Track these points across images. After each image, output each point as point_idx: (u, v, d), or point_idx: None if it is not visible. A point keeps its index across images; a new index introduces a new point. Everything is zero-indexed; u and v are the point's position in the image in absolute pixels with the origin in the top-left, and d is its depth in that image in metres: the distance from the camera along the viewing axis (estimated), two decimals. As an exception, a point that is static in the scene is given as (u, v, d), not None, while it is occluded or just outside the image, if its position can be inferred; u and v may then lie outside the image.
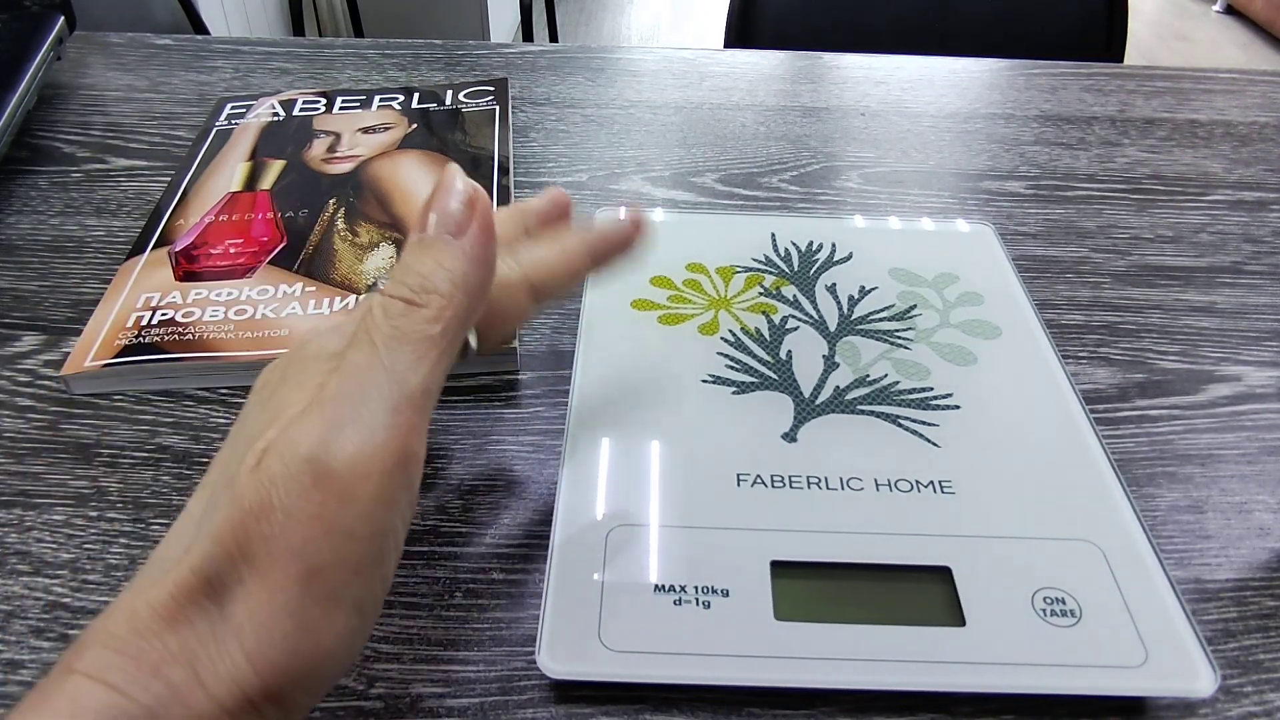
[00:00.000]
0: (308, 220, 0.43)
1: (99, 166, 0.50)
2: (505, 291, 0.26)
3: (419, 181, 0.46)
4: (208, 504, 0.21)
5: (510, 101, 0.56)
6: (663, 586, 0.27)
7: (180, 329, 0.36)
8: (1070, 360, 0.38)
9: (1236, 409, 0.36)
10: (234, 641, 0.19)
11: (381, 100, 0.55)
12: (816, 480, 0.30)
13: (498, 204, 0.45)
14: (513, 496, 0.32)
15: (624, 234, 0.30)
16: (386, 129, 0.51)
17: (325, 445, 0.19)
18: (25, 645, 0.27)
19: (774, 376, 0.34)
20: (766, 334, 0.36)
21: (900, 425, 0.32)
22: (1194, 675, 0.25)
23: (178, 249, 0.41)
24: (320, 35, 2.18)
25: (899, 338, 0.36)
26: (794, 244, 0.42)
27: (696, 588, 0.27)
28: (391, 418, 0.20)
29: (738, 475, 0.30)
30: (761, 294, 0.38)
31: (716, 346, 0.36)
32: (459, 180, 0.23)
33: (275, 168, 0.48)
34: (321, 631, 0.19)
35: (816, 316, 0.37)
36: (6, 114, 0.47)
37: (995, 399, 0.34)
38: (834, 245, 0.41)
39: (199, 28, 0.95)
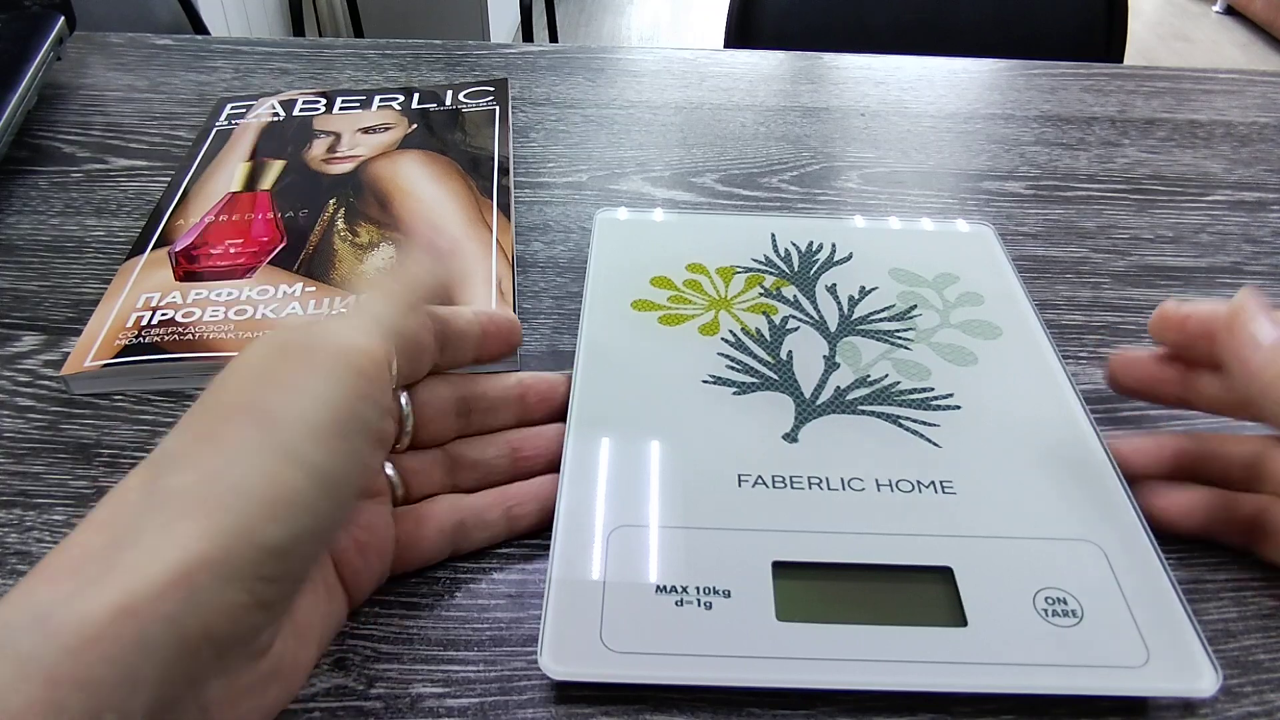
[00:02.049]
0: (308, 220, 0.43)
1: (99, 166, 0.50)
2: None
3: (419, 182, 0.46)
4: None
5: (510, 101, 0.56)
6: (664, 587, 0.27)
7: (180, 329, 0.36)
8: (1070, 360, 0.38)
9: (1237, 409, 0.36)
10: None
11: (381, 100, 0.55)
12: (817, 480, 0.30)
13: (497, 204, 0.45)
14: (513, 497, 0.31)
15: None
16: (386, 129, 0.51)
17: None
18: (25, 645, 0.27)
19: (774, 377, 0.34)
20: (767, 334, 0.36)
21: (901, 425, 0.32)
22: (1196, 675, 0.25)
23: (178, 249, 0.41)
24: (320, 35, 2.18)
25: (899, 338, 0.36)
26: (794, 244, 0.42)
27: (698, 588, 0.27)
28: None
29: (739, 476, 0.30)
30: (762, 294, 0.38)
31: (717, 347, 0.36)
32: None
33: (275, 168, 0.48)
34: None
35: (817, 317, 0.37)
36: (6, 114, 0.47)
37: (996, 399, 0.34)
38: (834, 245, 0.41)
39: (199, 28, 0.95)
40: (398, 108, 0.54)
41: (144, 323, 0.37)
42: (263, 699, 0.22)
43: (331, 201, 0.45)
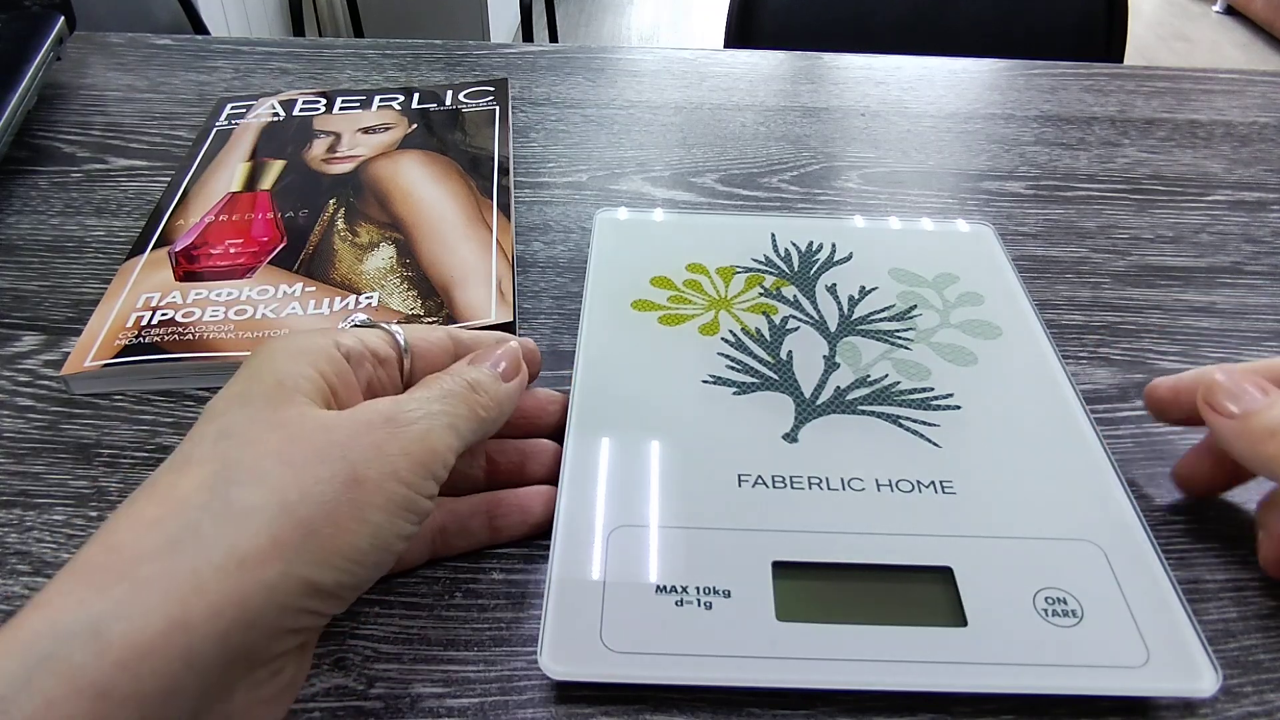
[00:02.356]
0: (308, 220, 0.43)
1: (99, 166, 0.50)
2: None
3: (419, 182, 0.46)
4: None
5: (510, 101, 0.56)
6: (664, 587, 0.27)
7: (180, 329, 0.36)
8: (1070, 360, 0.38)
9: (1237, 409, 0.36)
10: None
11: (381, 100, 0.55)
12: (817, 480, 0.30)
13: (497, 204, 0.45)
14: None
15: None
16: (386, 129, 0.51)
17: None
18: (25, 645, 0.27)
19: (774, 377, 0.34)
20: (767, 334, 0.36)
21: (901, 425, 0.32)
22: (1196, 675, 0.25)
23: (178, 249, 0.41)
24: (320, 35, 2.18)
25: (899, 338, 0.36)
26: (794, 244, 0.42)
27: (698, 588, 0.27)
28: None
29: (739, 476, 0.30)
30: (762, 294, 0.38)
31: (717, 347, 0.36)
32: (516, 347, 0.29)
33: (275, 168, 0.48)
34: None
35: (817, 317, 0.37)
36: (6, 114, 0.47)
37: (996, 399, 0.34)
38: (834, 245, 0.41)
39: (199, 28, 0.95)
40: (398, 108, 0.54)
41: (144, 323, 0.37)
42: (276, 707, 0.22)
43: (331, 201, 0.45)
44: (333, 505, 0.21)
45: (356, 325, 0.29)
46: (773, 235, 0.42)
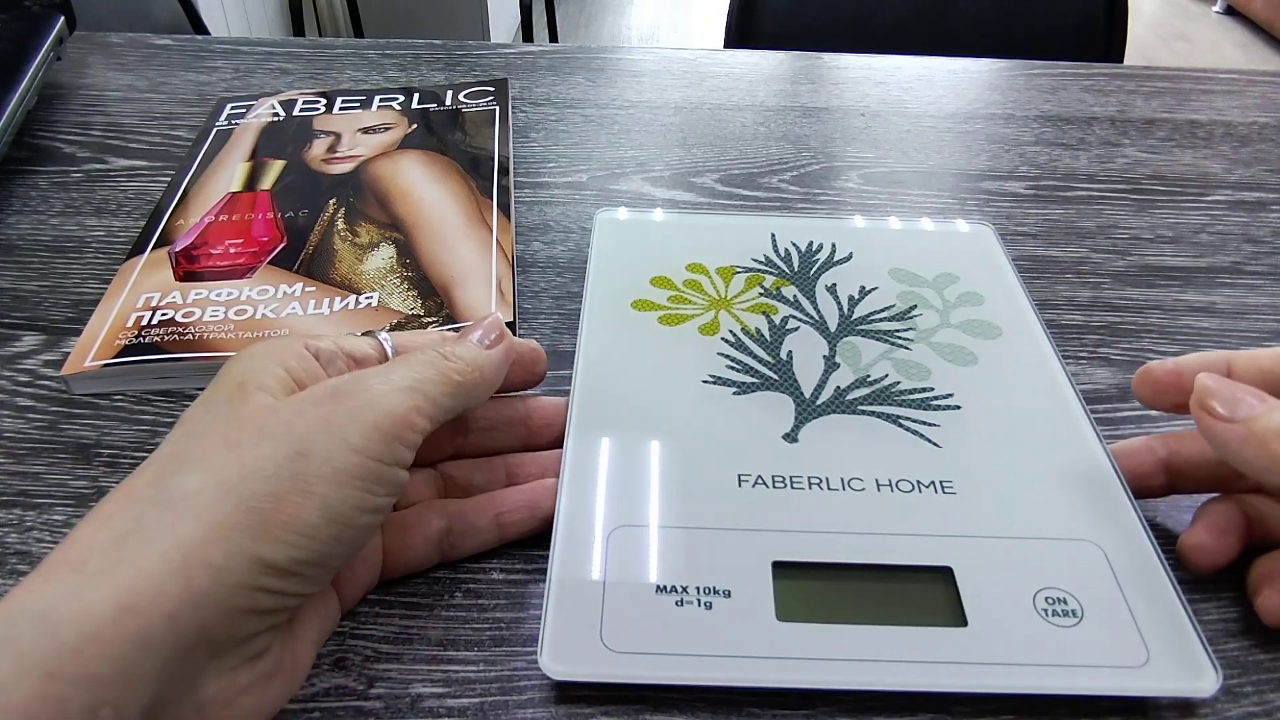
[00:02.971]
0: (308, 220, 0.43)
1: (99, 166, 0.50)
2: None
3: (419, 181, 0.46)
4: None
5: (510, 102, 0.56)
6: (664, 587, 0.27)
7: (180, 329, 0.36)
8: (1070, 360, 0.38)
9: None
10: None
11: (381, 100, 0.55)
12: (818, 480, 0.30)
13: (497, 204, 0.45)
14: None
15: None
16: (386, 129, 0.51)
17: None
18: (25, 645, 0.27)
19: (774, 377, 0.34)
20: (767, 334, 0.36)
21: (901, 425, 0.32)
22: (1196, 675, 0.25)
23: (178, 249, 0.41)
24: (320, 35, 2.18)
25: (899, 338, 0.36)
26: (794, 244, 0.42)
27: (698, 588, 0.27)
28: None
29: (739, 476, 0.30)
30: (762, 294, 0.38)
31: (717, 347, 0.36)
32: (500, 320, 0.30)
33: (275, 168, 0.48)
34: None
35: (817, 317, 0.37)
36: (6, 114, 0.47)
37: (996, 399, 0.34)
38: (834, 245, 0.41)
39: (199, 28, 0.95)
40: (398, 108, 0.54)
41: (144, 323, 0.37)
42: (261, 698, 0.22)
43: (331, 201, 0.45)
44: (274, 481, 0.21)
45: (343, 337, 0.29)
46: (773, 235, 0.42)
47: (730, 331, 0.36)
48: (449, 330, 0.31)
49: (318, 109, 0.53)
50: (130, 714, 0.19)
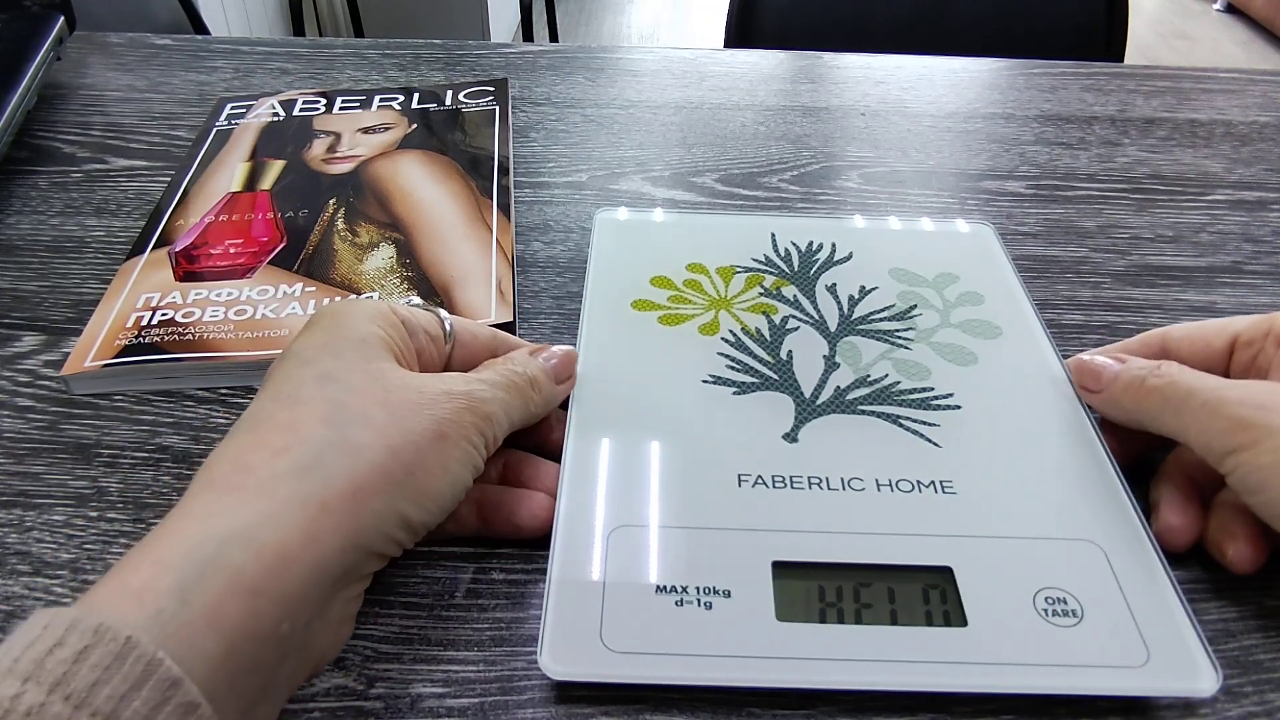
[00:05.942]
0: (308, 220, 0.43)
1: (99, 166, 0.50)
2: None
3: (419, 181, 0.46)
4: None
5: (510, 101, 0.56)
6: (664, 587, 0.27)
7: (180, 329, 0.36)
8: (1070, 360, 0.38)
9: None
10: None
11: (381, 100, 0.55)
12: (817, 480, 0.30)
13: (497, 204, 0.45)
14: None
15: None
16: (386, 129, 0.51)
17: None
18: (25, 646, 0.27)
19: (774, 377, 0.34)
20: (767, 334, 0.36)
21: (901, 425, 0.32)
22: (1196, 675, 0.25)
23: (178, 249, 0.41)
24: (320, 35, 2.18)
25: (899, 338, 0.36)
26: (794, 244, 0.42)
27: (698, 588, 0.27)
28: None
29: (739, 475, 0.30)
30: (762, 294, 0.38)
31: (717, 347, 0.36)
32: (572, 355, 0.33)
33: (275, 168, 0.48)
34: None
35: (817, 317, 0.37)
36: (6, 114, 0.47)
37: (996, 399, 0.34)
38: (834, 245, 0.41)
39: (199, 28, 0.95)
40: (398, 108, 0.54)
41: (144, 323, 0.37)
42: (344, 630, 0.25)
43: (331, 201, 0.45)
44: (425, 453, 0.25)
45: (411, 305, 0.31)
46: (773, 235, 0.42)
47: (730, 331, 0.36)
48: (502, 332, 0.33)
49: (318, 109, 0.53)
50: (299, 628, 0.22)
